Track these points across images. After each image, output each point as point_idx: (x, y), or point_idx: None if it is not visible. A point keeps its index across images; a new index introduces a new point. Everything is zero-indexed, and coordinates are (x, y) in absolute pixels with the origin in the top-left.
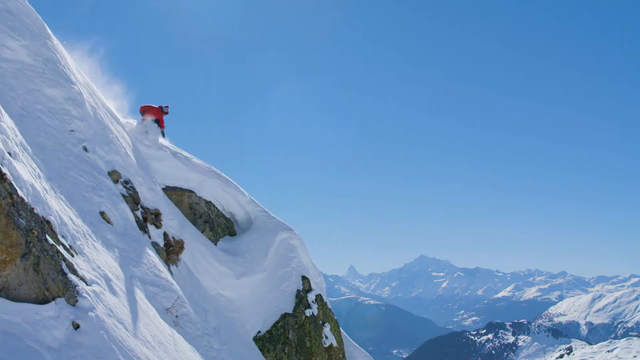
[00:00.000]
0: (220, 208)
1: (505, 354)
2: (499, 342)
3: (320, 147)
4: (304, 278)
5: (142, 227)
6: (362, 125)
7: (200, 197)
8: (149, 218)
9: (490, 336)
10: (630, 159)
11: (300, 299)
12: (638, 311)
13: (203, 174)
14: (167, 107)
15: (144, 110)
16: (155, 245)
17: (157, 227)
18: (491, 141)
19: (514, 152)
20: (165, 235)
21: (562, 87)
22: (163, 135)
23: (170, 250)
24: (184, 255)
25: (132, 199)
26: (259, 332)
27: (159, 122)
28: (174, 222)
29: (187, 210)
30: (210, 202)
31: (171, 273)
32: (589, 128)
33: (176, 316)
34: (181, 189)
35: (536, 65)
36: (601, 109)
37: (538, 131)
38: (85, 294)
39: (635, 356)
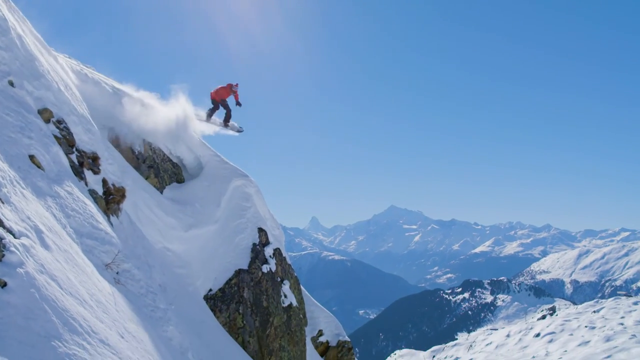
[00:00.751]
0: (166, 151)
1: (482, 314)
2: (476, 301)
3: (280, 88)
4: (260, 230)
5: (78, 173)
6: (324, 69)
7: (143, 139)
8: (85, 162)
9: (466, 295)
10: (617, 107)
11: (257, 253)
12: (628, 268)
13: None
14: (236, 85)
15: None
16: (92, 193)
17: (95, 172)
18: (470, 87)
19: (495, 99)
20: (104, 181)
21: (560, 33)
22: (227, 120)
23: (110, 199)
24: (125, 205)
25: (66, 140)
26: (211, 290)
27: (225, 102)
28: (114, 167)
29: (129, 154)
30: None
31: (111, 224)
32: (576, 75)
33: (117, 272)
34: None
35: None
36: (590, 56)
37: (519, 77)
38: (13, 248)
39: (623, 317)
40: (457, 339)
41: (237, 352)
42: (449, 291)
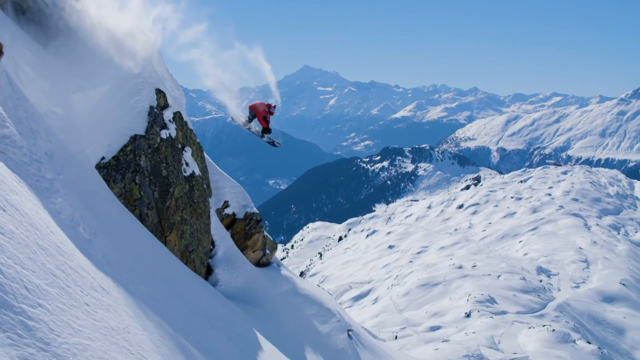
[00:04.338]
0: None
1: (402, 184)
2: (396, 170)
3: None
4: (158, 92)
5: None
6: None
7: None
8: None
9: (385, 163)
10: None
11: (154, 117)
12: (558, 135)
13: None
14: (274, 107)
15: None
16: None
17: None
18: None
19: None
20: None
21: None
22: (265, 132)
23: None
24: (3, 62)
25: None
26: (103, 158)
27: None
28: None
29: (6, 2)
30: None
31: None
32: None
33: None
34: None
35: None
36: None
37: None
38: None
39: (551, 187)
40: (374, 210)
41: (134, 226)
42: (367, 159)
